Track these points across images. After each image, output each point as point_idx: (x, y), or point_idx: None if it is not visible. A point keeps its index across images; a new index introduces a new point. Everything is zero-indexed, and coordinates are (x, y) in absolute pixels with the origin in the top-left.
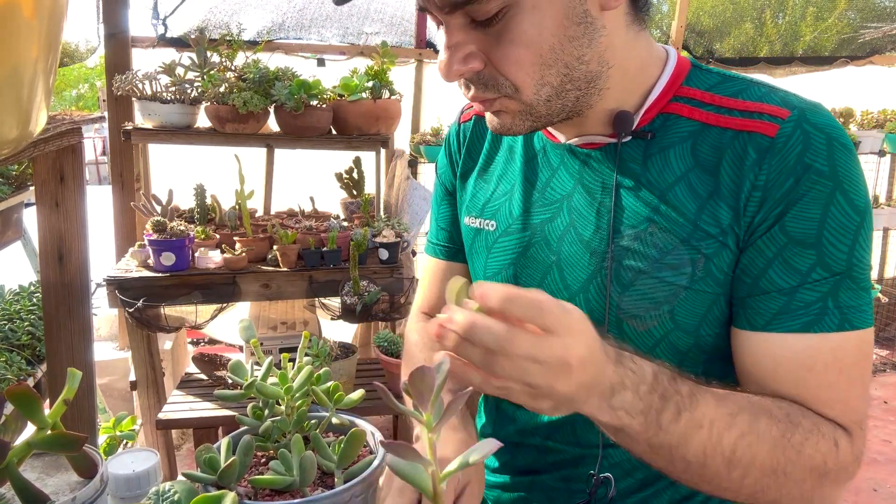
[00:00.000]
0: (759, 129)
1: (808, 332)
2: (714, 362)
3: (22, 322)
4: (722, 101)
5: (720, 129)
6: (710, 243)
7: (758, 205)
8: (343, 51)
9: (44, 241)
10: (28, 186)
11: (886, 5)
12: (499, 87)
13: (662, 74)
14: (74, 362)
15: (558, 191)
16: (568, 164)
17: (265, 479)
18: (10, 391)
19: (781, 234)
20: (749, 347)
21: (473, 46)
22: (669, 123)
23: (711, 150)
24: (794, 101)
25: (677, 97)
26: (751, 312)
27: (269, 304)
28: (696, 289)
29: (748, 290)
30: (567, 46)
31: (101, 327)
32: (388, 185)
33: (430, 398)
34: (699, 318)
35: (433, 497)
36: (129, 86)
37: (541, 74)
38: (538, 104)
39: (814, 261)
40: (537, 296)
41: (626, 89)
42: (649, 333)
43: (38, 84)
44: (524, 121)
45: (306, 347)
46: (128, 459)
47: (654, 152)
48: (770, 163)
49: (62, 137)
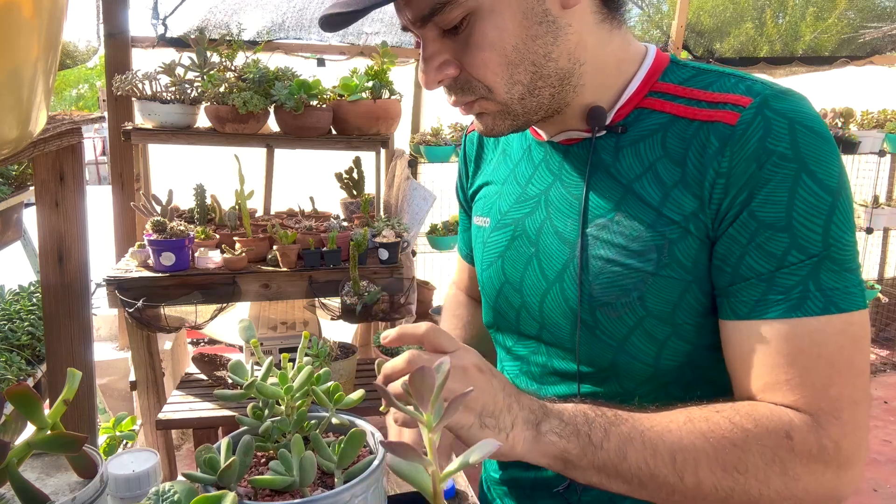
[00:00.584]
0: (722, 118)
1: (790, 316)
2: (699, 352)
3: (22, 322)
4: (692, 93)
5: (687, 120)
6: (673, 229)
7: (722, 192)
8: (343, 51)
9: (44, 241)
10: (28, 186)
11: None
12: (474, 90)
13: (639, 71)
14: (74, 362)
15: (538, 186)
16: (549, 159)
17: (264, 480)
18: (10, 391)
19: (751, 219)
20: (733, 336)
21: (447, 55)
22: (643, 117)
23: (679, 140)
24: (758, 88)
25: (653, 92)
26: (734, 301)
27: (269, 305)
28: (663, 275)
29: (730, 280)
30: (531, 45)
31: (101, 327)
32: (388, 186)
33: (430, 398)
34: (672, 305)
35: (433, 497)
36: (129, 86)
37: (509, 74)
38: (512, 103)
39: (787, 244)
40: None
41: (602, 85)
42: (621, 320)
43: (38, 84)
44: (504, 120)
45: (306, 347)
46: (128, 460)
47: (626, 144)
48: (732, 149)
49: (62, 137)
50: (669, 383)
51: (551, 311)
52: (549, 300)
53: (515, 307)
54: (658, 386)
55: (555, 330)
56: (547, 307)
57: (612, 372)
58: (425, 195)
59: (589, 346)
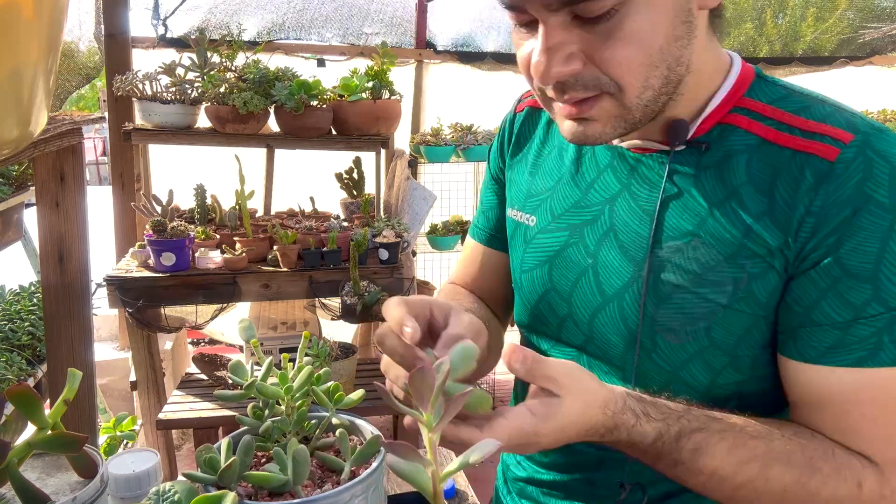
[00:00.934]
0: (819, 151)
1: (860, 366)
2: (750, 382)
3: (22, 322)
4: (783, 116)
5: (778, 146)
6: (756, 262)
7: (810, 231)
8: (343, 51)
9: (44, 241)
10: (28, 187)
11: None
12: (600, 86)
13: (724, 83)
14: (75, 362)
15: (602, 193)
16: (617, 167)
17: (259, 476)
18: (11, 391)
19: (836, 266)
20: (798, 378)
21: (575, 46)
22: (727, 135)
23: (767, 168)
24: (859, 124)
25: (738, 108)
26: (802, 344)
27: (269, 305)
28: (735, 308)
29: (799, 321)
30: (672, 46)
31: (102, 327)
32: (388, 186)
33: (430, 398)
34: (737, 337)
35: (433, 497)
36: (130, 86)
37: (646, 76)
38: (636, 108)
39: (869, 295)
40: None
41: (690, 97)
42: (683, 348)
43: (39, 84)
44: (616, 127)
45: (306, 348)
46: (128, 459)
47: (708, 165)
48: (827, 189)
49: (62, 138)
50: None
51: (604, 327)
52: (604, 316)
53: (560, 316)
54: None
55: (604, 346)
56: (599, 323)
57: (661, 394)
58: (425, 195)
59: (642, 367)
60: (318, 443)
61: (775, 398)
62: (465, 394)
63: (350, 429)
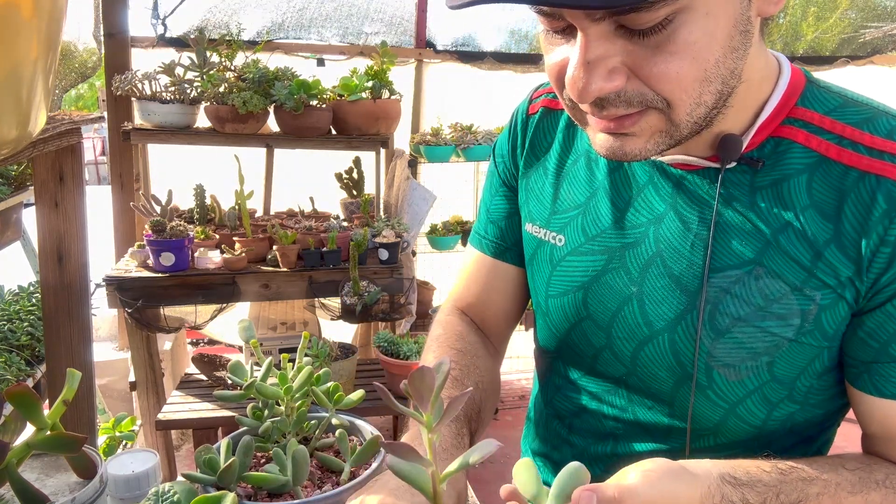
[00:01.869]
0: (891, 173)
1: None
2: (804, 411)
3: (21, 322)
4: (844, 130)
5: (843, 166)
6: (826, 293)
7: (886, 263)
8: (343, 51)
9: (43, 241)
10: (28, 186)
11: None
12: (646, 102)
13: (775, 90)
14: (74, 363)
15: (645, 213)
16: (659, 183)
17: (259, 476)
18: (10, 392)
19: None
20: (875, 413)
21: (618, 59)
22: (782, 150)
23: (831, 190)
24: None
25: (791, 119)
26: (879, 379)
27: (268, 305)
28: (801, 341)
29: (875, 356)
30: (728, 59)
31: (101, 328)
32: (388, 186)
33: (430, 398)
34: (799, 370)
35: (433, 497)
36: (129, 86)
37: (700, 92)
38: (685, 126)
39: None
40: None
41: (739, 108)
42: (741, 384)
43: (38, 84)
44: (658, 144)
45: (306, 348)
46: (127, 460)
47: (765, 185)
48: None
49: (62, 137)
50: (768, 444)
51: (650, 361)
52: (651, 350)
53: (596, 346)
54: (756, 446)
55: (650, 380)
56: (645, 356)
57: (713, 431)
58: (425, 195)
59: (696, 405)
60: (317, 443)
61: (824, 420)
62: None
63: (350, 429)
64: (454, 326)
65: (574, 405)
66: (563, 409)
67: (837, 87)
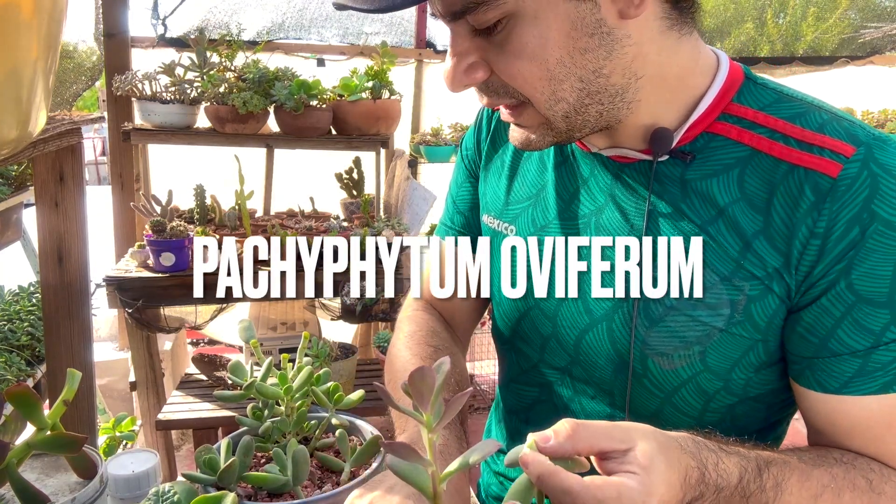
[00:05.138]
0: (819, 166)
1: (887, 392)
2: (742, 404)
3: (22, 323)
4: (777, 123)
5: (774, 159)
6: (754, 285)
7: (816, 255)
8: (343, 51)
9: (43, 241)
10: (28, 187)
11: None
12: (511, 95)
13: (711, 87)
14: (74, 363)
15: (588, 205)
16: (599, 176)
17: (259, 476)
18: (10, 392)
19: (849, 292)
20: (820, 408)
21: (476, 56)
22: (714, 145)
23: (762, 182)
24: (860, 134)
25: (726, 115)
26: (821, 375)
27: (268, 305)
28: (732, 332)
29: (815, 351)
30: (579, 59)
31: (101, 328)
32: (388, 186)
33: (430, 398)
34: (732, 361)
35: (433, 497)
36: (129, 86)
37: (552, 90)
38: (555, 119)
39: (888, 320)
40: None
41: (665, 101)
42: (675, 373)
43: (38, 84)
44: (545, 136)
45: (306, 348)
46: (127, 460)
47: (696, 178)
48: (831, 208)
49: (62, 138)
50: (706, 433)
51: (590, 349)
52: (591, 338)
53: (544, 335)
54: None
55: (591, 369)
56: (586, 345)
57: (651, 421)
58: (425, 195)
59: (633, 393)
60: (317, 443)
61: (768, 415)
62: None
63: (350, 429)
64: (427, 322)
65: (528, 397)
66: (518, 401)
67: (775, 84)
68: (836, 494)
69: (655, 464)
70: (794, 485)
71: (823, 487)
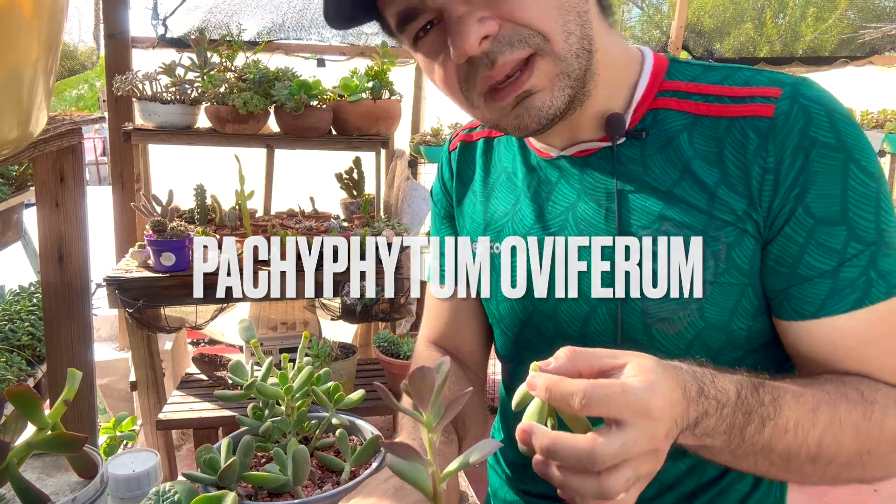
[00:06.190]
0: (755, 112)
1: (859, 308)
2: (747, 356)
3: (22, 322)
4: (709, 89)
5: (713, 118)
6: (729, 231)
7: (772, 188)
8: (343, 51)
9: (44, 241)
10: (28, 187)
11: (886, 5)
12: (527, 41)
13: (643, 71)
14: (74, 363)
15: (561, 204)
16: (567, 175)
17: (259, 476)
18: (11, 392)
19: (807, 216)
20: (802, 337)
21: (482, 12)
22: (661, 118)
23: (710, 140)
24: (782, 78)
25: (662, 92)
26: (796, 302)
27: (269, 305)
28: (721, 282)
29: (787, 281)
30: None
31: (101, 328)
32: (388, 186)
33: (430, 398)
34: (729, 311)
35: (433, 497)
36: (130, 86)
37: (563, 21)
38: (570, 57)
39: (846, 236)
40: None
41: (613, 84)
42: (680, 336)
43: (39, 84)
44: (563, 88)
45: (306, 348)
46: (128, 460)
47: (652, 152)
48: (775, 142)
49: (62, 138)
50: (699, 362)
51: (597, 334)
52: (594, 323)
53: (548, 336)
54: None
55: None
56: (591, 331)
57: None
58: (425, 195)
59: None
60: (317, 443)
61: (777, 372)
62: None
63: (350, 429)
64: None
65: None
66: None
67: (697, 61)
68: (831, 406)
69: (655, 371)
70: (791, 401)
71: (818, 402)
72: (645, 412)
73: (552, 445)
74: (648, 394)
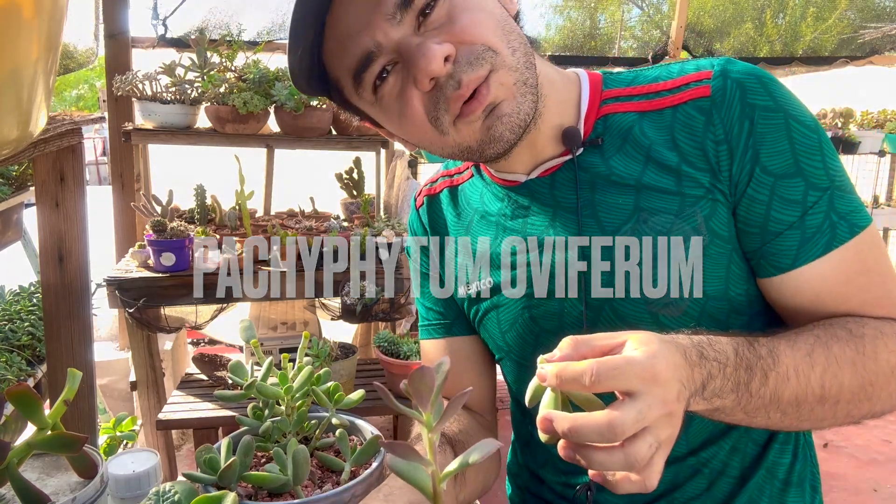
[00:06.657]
0: (693, 95)
1: (830, 250)
2: (754, 320)
3: (22, 322)
4: (646, 88)
5: (657, 111)
6: (703, 205)
7: (728, 157)
8: None
9: (44, 241)
10: (28, 187)
11: (886, 5)
12: (482, 58)
13: (582, 87)
14: (74, 363)
15: (539, 225)
16: (538, 195)
17: (259, 476)
18: (11, 392)
19: (765, 175)
20: (785, 290)
21: (437, 37)
22: (610, 123)
23: (660, 130)
24: (709, 62)
25: (605, 100)
26: (773, 258)
27: (269, 305)
28: (708, 253)
29: (760, 240)
30: (510, 23)
31: (102, 328)
32: (388, 186)
33: (430, 398)
34: (723, 280)
35: (433, 497)
36: (130, 86)
37: (506, 39)
38: (521, 68)
39: (804, 186)
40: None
41: (559, 102)
42: (687, 315)
43: (39, 84)
44: (524, 95)
45: (306, 348)
46: (128, 460)
47: (612, 153)
48: (720, 115)
49: (62, 138)
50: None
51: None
52: (602, 327)
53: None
54: None
55: None
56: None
57: None
58: None
59: None
60: (318, 443)
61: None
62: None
63: (350, 429)
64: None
65: None
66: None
67: (626, 71)
68: (825, 347)
69: (653, 341)
70: (786, 349)
71: (811, 346)
72: (652, 378)
73: (573, 426)
74: (652, 360)
